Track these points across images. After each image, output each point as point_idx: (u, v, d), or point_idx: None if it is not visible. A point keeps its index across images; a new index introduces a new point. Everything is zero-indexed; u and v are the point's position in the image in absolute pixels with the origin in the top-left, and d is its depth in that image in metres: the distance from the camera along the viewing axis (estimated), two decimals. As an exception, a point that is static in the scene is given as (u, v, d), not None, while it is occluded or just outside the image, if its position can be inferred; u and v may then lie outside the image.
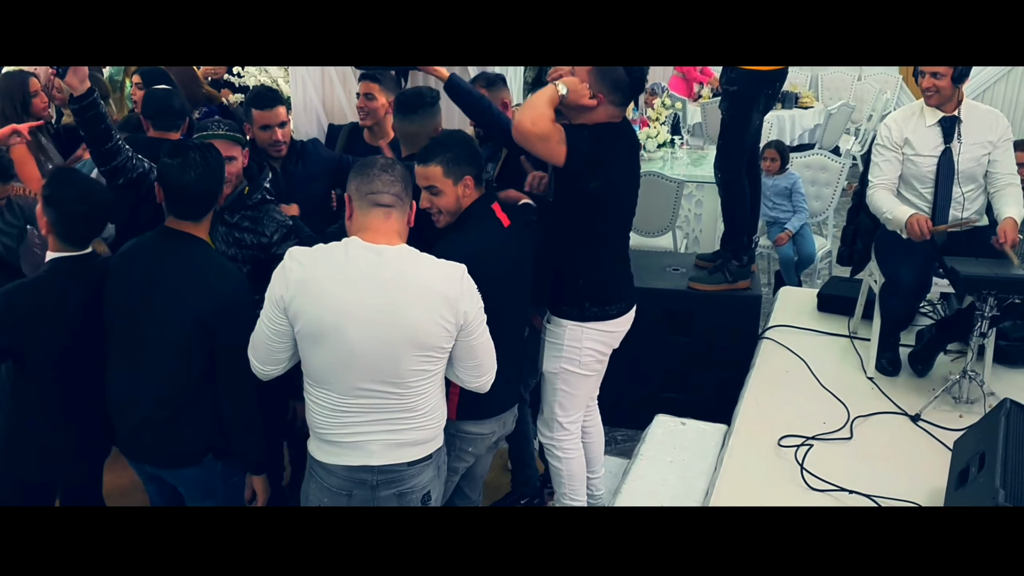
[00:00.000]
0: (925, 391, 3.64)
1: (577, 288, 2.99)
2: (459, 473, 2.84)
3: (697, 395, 4.25)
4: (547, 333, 3.13)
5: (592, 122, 2.87)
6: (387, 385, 2.25)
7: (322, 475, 2.38)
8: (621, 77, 2.83)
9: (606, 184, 2.87)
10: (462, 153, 2.68)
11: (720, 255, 4.29)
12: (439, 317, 2.25)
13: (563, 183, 2.92)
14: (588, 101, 2.82)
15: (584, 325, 3.03)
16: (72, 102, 2.86)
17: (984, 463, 2.59)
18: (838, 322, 4.34)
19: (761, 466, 3.21)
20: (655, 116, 6.87)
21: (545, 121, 2.75)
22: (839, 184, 6.01)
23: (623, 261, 3.12)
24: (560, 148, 2.79)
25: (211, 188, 2.57)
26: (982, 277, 3.27)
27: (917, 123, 3.60)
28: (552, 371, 3.13)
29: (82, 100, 2.83)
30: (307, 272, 2.23)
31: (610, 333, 3.10)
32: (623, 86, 2.85)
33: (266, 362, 2.36)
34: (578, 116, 2.88)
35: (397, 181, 2.34)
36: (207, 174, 2.53)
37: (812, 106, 8.93)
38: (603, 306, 3.04)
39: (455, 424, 2.70)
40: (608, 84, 2.83)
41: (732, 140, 4.02)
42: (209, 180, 2.55)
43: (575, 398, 3.17)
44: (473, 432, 2.75)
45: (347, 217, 2.37)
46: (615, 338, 3.14)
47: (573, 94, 2.79)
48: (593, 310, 3.02)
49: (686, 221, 6.23)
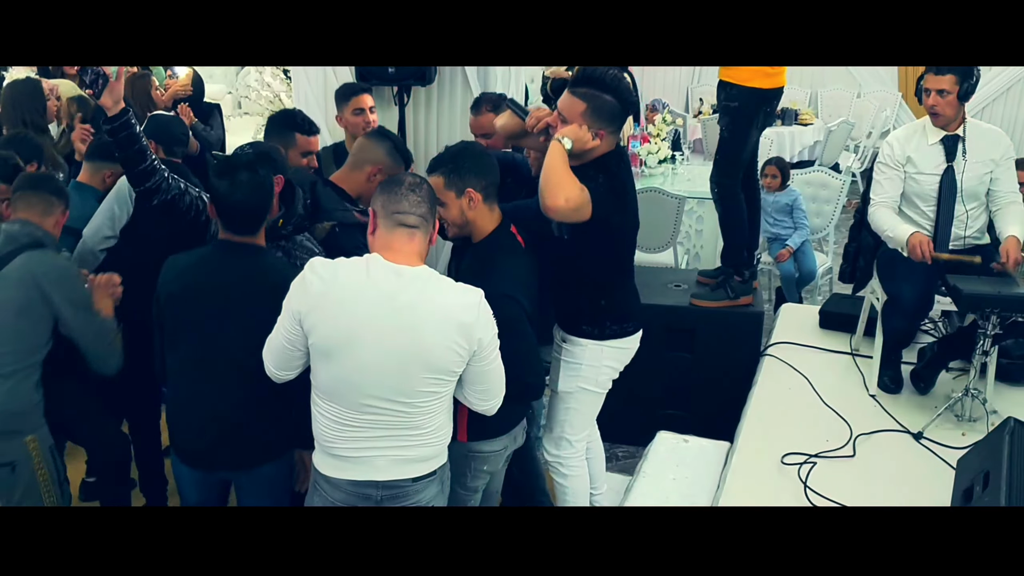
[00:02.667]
0: (927, 409, 3.64)
1: (599, 308, 2.98)
2: (479, 492, 2.84)
3: (699, 412, 4.24)
4: (563, 353, 3.12)
5: (596, 156, 2.86)
6: (395, 403, 2.25)
7: (327, 488, 2.37)
8: (615, 108, 2.82)
9: (625, 213, 2.89)
10: (467, 165, 2.64)
11: (721, 271, 4.30)
12: (453, 343, 2.24)
13: (583, 224, 2.84)
14: (593, 143, 2.81)
15: (604, 344, 3.03)
16: (106, 122, 2.84)
17: (988, 482, 2.59)
18: (840, 339, 4.34)
19: (764, 484, 3.20)
20: (656, 132, 6.89)
21: (575, 192, 2.70)
22: (840, 201, 6.03)
23: (632, 275, 3.13)
24: (589, 207, 2.76)
25: (262, 204, 2.59)
26: (985, 295, 3.27)
27: (919, 141, 3.61)
28: (567, 390, 3.12)
29: (115, 120, 2.82)
30: (326, 287, 2.23)
31: (625, 350, 3.10)
32: (619, 114, 2.84)
33: (280, 367, 2.37)
34: (583, 156, 2.85)
35: (424, 202, 2.33)
36: (257, 193, 2.56)
37: (812, 123, 8.98)
38: (621, 324, 3.04)
39: (468, 445, 2.70)
40: (606, 119, 2.81)
41: (729, 155, 4.05)
42: (260, 198, 2.57)
43: (586, 417, 3.18)
44: (486, 451, 2.76)
45: (370, 231, 2.36)
46: (629, 355, 3.14)
47: (578, 143, 2.76)
48: (613, 328, 3.03)
49: (687, 237, 6.24)
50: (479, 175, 2.65)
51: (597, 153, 2.85)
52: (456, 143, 2.80)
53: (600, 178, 2.80)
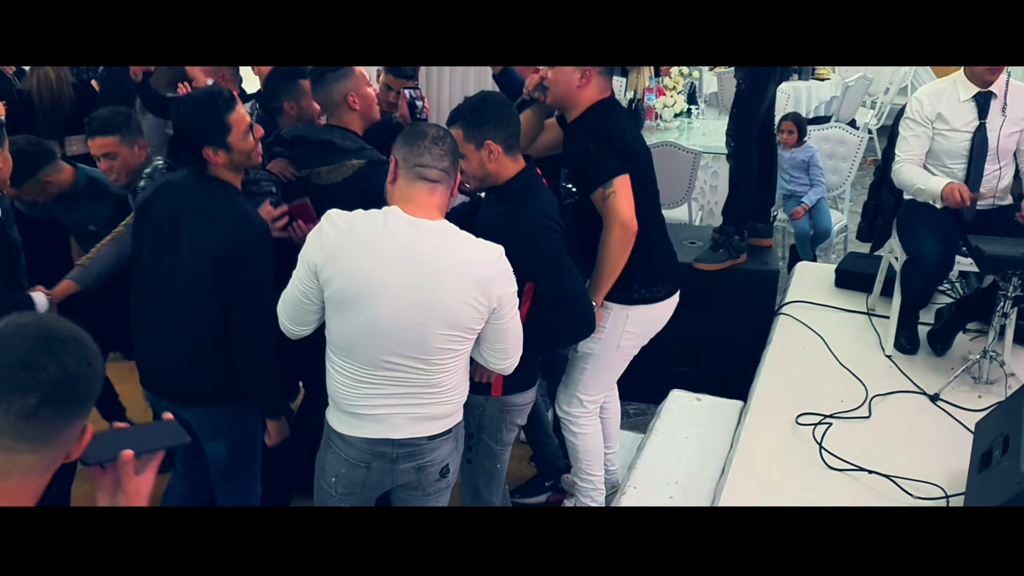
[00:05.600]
0: (944, 370, 3.61)
1: (626, 269, 2.91)
2: (510, 445, 2.83)
3: (711, 370, 4.21)
4: None
5: (588, 104, 2.84)
6: (412, 360, 2.21)
7: (340, 446, 2.35)
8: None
9: (636, 163, 2.85)
10: (486, 117, 2.56)
11: (723, 230, 4.21)
12: (472, 299, 2.19)
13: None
14: (579, 81, 2.80)
15: (630, 308, 2.99)
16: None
17: (1008, 446, 2.56)
18: (856, 299, 4.30)
19: (778, 444, 3.19)
20: (672, 85, 6.78)
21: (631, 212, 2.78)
22: (857, 158, 5.93)
23: (662, 233, 3.07)
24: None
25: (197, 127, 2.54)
26: (1008, 257, 3.22)
27: (950, 97, 3.52)
28: (586, 351, 3.09)
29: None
30: (344, 239, 2.17)
31: (653, 318, 3.06)
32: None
33: (295, 322, 2.32)
34: (574, 106, 2.85)
35: (446, 156, 2.26)
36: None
37: (829, 78, 8.81)
38: (651, 287, 2.99)
39: (503, 400, 2.69)
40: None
41: (747, 109, 3.97)
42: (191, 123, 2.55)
43: (602, 380, 3.15)
44: (519, 403, 2.75)
45: (390, 180, 2.30)
46: (658, 323, 3.10)
47: (560, 84, 2.80)
48: (642, 292, 2.98)
49: (701, 193, 6.17)
50: (499, 126, 2.57)
51: (588, 100, 2.85)
52: (476, 94, 2.72)
53: (611, 142, 2.79)
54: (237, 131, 2.52)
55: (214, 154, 2.51)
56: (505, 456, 2.83)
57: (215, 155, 2.51)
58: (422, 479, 2.38)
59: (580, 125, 2.89)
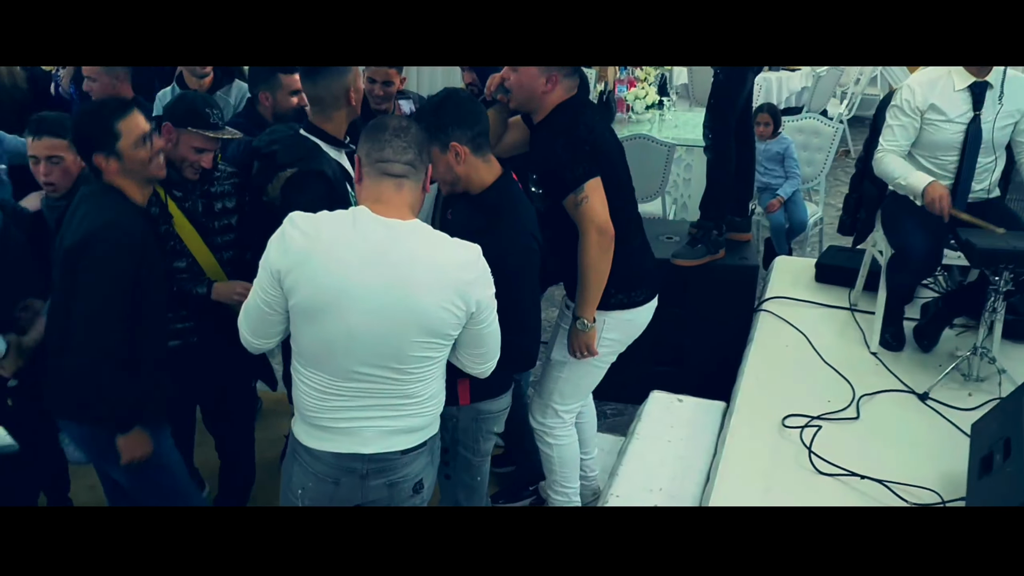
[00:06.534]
0: (931, 367, 3.50)
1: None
2: (489, 455, 2.66)
3: (691, 369, 4.08)
4: (564, 319, 2.94)
5: (552, 106, 2.71)
6: (386, 370, 2.05)
7: (307, 460, 2.17)
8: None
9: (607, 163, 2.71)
10: (450, 116, 2.39)
11: (701, 225, 4.07)
12: (450, 304, 2.03)
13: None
14: (544, 87, 2.66)
15: (607, 314, 2.85)
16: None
17: (1010, 450, 2.44)
18: (837, 294, 4.19)
19: (765, 448, 3.05)
20: (643, 76, 6.65)
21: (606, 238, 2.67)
22: (832, 149, 5.83)
23: (640, 234, 2.93)
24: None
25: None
26: (1000, 251, 3.11)
27: (944, 86, 3.35)
28: (560, 358, 2.94)
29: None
30: (310, 243, 2.00)
31: (631, 323, 2.92)
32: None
33: (257, 334, 2.14)
34: (539, 109, 2.72)
35: (410, 148, 2.09)
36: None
37: (799, 69, 8.75)
38: (629, 292, 2.85)
39: (475, 408, 2.52)
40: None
41: (725, 99, 3.84)
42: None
43: (579, 389, 3.01)
44: (494, 411, 2.58)
45: (356, 180, 2.14)
46: (637, 328, 2.96)
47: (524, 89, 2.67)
48: (619, 296, 2.84)
49: (674, 186, 6.03)
50: (463, 126, 2.39)
51: (553, 101, 2.71)
52: (438, 92, 2.54)
53: (579, 142, 2.65)
54: (128, 139, 2.46)
55: (105, 161, 2.46)
56: (485, 467, 2.67)
57: (106, 162, 2.46)
58: (394, 495, 2.21)
59: (547, 127, 2.73)
